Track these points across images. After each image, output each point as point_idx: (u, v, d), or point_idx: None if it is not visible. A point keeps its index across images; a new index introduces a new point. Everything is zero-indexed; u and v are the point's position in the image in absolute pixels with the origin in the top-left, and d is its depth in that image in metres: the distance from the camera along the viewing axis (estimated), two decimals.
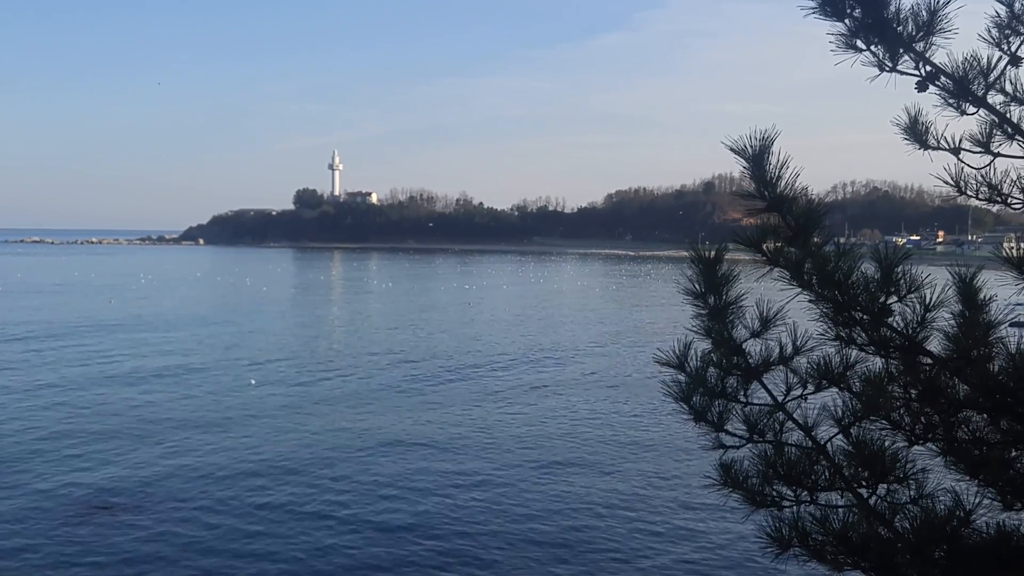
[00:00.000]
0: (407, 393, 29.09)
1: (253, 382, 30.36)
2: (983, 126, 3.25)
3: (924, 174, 3.58)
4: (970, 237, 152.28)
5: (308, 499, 17.30)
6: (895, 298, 3.29)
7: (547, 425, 24.32)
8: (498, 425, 24.26)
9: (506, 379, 32.12)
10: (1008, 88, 3.18)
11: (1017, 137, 3.23)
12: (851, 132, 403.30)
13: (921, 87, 3.20)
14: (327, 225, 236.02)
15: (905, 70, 3.20)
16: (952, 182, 3.32)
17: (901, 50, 3.17)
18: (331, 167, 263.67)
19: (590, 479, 18.99)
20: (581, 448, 21.73)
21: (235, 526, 15.70)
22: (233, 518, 16.13)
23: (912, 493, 3.42)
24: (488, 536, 15.33)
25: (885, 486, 3.44)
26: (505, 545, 14.91)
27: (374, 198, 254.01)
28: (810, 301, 3.41)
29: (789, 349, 3.50)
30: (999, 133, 3.24)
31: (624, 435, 23.10)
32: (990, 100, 3.20)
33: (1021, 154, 3.24)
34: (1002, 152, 3.26)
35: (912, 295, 3.27)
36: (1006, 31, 3.17)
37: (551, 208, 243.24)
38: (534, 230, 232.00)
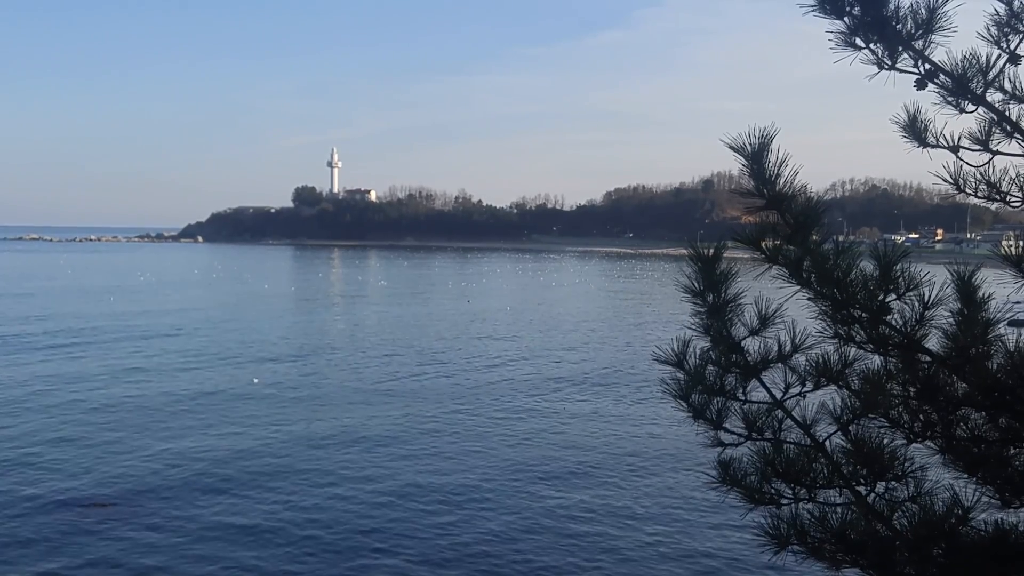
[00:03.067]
0: (407, 392, 29.08)
1: (256, 380, 30.36)
2: (982, 124, 3.25)
3: (923, 172, 3.58)
4: (969, 235, 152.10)
5: (307, 497, 17.29)
6: (894, 296, 3.29)
7: (544, 423, 24.33)
8: (496, 424, 24.26)
9: (504, 379, 32.11)
10: (1007, 86, 3.18)
11: (1016, 135, 3.23)
12: (850, 130, 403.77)
13: (920, 85, 3.20)
14: (326, 223, 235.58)
15: (904, 68, 3.20)
16: (951, 180, 3.32)
17: (900, 48, 3.16)
18: (330, 165, 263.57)
19: (587, 476, 19.00)
20: (578, 446, 21.72)
21: (235, 523, 15.70)
22: (234, 516, 16.13)
23: (910, 491, 3.42)
24: (483, 534, 15.34)
25: (883, 484, 3.45)
26: (499, 544, 14.91)
27: (373, 196, 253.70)
28: (809, 299, 3.41)
29: (788, 347, 3.50)
30: (998, 131, 3.24)
31: (622, 433, 23.11)
32: (989, 98, 3.20)
33: (1020, 152, 3.24)
34: (1001, 150, 3.26)
35: (911, 293, 3.27)
36: (1005, 29, 3.17)
37: (550, 206, 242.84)
38: (533, 228, 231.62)
